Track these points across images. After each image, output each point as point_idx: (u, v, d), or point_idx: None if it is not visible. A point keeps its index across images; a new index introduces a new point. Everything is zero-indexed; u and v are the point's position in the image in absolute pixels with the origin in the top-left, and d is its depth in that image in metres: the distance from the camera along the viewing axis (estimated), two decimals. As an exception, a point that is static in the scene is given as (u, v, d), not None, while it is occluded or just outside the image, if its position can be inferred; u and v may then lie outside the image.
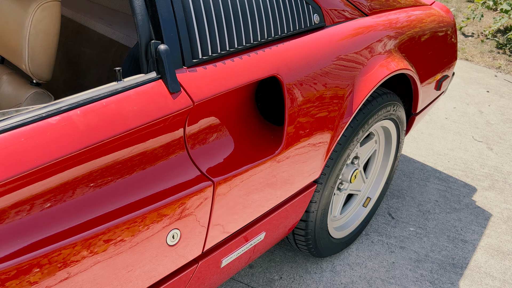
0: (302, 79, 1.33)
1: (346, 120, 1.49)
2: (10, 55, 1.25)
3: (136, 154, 1.01)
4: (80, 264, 0.91)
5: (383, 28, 1.68)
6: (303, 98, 1.33)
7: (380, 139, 1.94)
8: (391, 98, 1.74)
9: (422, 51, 1.91)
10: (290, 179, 1.37)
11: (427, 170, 2.56)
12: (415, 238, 2.09)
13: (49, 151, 0.86)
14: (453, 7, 5.02)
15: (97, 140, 0.92)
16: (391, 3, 1.87)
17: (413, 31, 1.84)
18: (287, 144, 1.30)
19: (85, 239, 0.90)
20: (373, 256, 1.97)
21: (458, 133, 2.93)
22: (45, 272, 0.86)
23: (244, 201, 1.23)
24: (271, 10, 1.31)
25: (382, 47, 1.64)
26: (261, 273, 1.84)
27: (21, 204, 0.85)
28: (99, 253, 0.94)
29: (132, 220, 0.97)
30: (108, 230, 0.94)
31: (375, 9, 1.76)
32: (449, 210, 2.28)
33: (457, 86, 3.55)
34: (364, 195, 2.03)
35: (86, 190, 0.93)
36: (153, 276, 1.07)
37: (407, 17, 1.88)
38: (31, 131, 0.86)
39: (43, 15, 1.19)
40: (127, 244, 0.98)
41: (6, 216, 0.83)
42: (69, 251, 0.88)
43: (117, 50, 1.45)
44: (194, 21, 1.12)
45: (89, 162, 0.92)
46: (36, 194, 0.86)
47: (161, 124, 1.04)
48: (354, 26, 1.58)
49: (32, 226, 0.86)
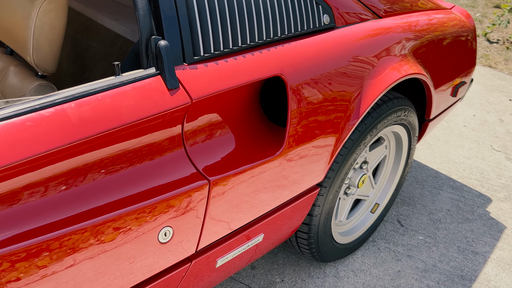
0: (307, 80, 1.31)
1: (353, 123, 1.46)
2: (17, 47, 1.26)
3: (131, 149, 1.01)
4: (66, 258, 0.91)
5: (398, 30, 1.64)
6: (307, 99, 1.31)
7: (391, 145, 1.90)
8: (402, 103, 1.70)
9: (439, 56, 1.86)
10: (291, 182, 1.34)
11: (440, 178, 2.50)
12: (423, 247, 2.04)
13: (40, 143, 0.85)
14: (479, 12, 4.90)
15: (89, 134, 0.91)
16: (408, 6, 1.82)
17: (433, 35, 1.79)
18: (289, 146, 1.28)
19: (73, 233, 0.90)
20: (378, 263, 1.93)
21: (476, 142, 2.85)
22: (29, 266, 0.86)
23: (241, 202, 1.21)
24: (278, 9, 1.29)
25: (394, 50, 1.60)
26: (263, 274, 1.82)
27: (7, 196, 0.85)
28: (87, 247, 0.93)
29: (123, 215, 0.97)
30: (98, 224, 0.94)
31: (390, 12, 1.72)
32: (461, 220, 2.22)
33: (478, 94, 3.46)
34: (372, 201, 1.99)
35: (77, 184, 0.93)
36: (144, 273, 1.07)
37: (427, 20, 1.84)
38: (22, 122, 0.86)
39: (50, 8, 1.20)
40: (117, 240, 0.98)
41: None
42: (56, 244, 0.88)
43: (123, 45, 1.45)
44: (197, 18, 1.11)
45: (81, 156, 0.92)
46: (23, 185, 0.86)
47: (158, 120, 1.03)
48: (366, 28, 1.55)
49: (19, 218, 0.86)
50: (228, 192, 1.16)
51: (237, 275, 1.80)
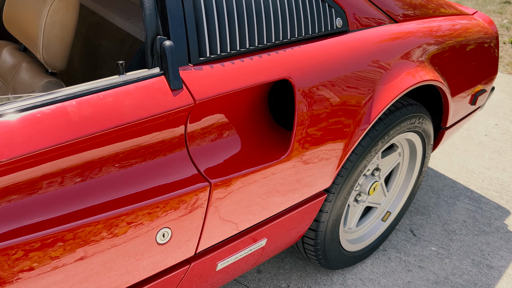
0: (316, 84, 1.28)
1: (363, 129, 1.43)
2: (28, 43, 1.28)
3: (132, 149, 1.00)
4: (59, 256, 0.91)
5: (418, 35, 1.60)
6: (315, 103, 1.28)
7: (404, 152, 1.86)
8: (416, 110, 1.66)
9: (459, 62, 1.81)
10: (296, 187, 1.32)
11: (458, 188, 2.43)
12: (436, 259, 1.98)
13: (39, 140, 0.86)
14: (507, 18, 4.76)
15: (89, 132, 0.91)
16: (428, 11, 1.78)
17: (455, 41, 1.75)
18: (295, 150, 1.26)
19: (69, 230, 0.90)
20: (388, 273, 1.89)
21: (497, 152, 2.77)
22: (23, 263, 0.86)
23: (243, 205, 1.20)
24: (289, 11, 1.27)
25: (409, 55, 1.56)
26: (269, 279, 1.80)
27: (2, 192, 0.85)
28: (84, 245, 0.93)
29: (121, 214, 0.96)
30: (95, 222, 0.93)
31: (409, 16, 1.68)
32: (477, 232, 2.15)
33: (502, 102, 3.37)
34: (384, 209, 1.94)
35: (76, 181, 0.93)
36: (141, 273, 1.06)
37: (450, 26, 1.79)
38: (23, 119, 0.86)
39: (60, 6, 1.21)
40: (114, 239, 0.97)
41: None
42: (50, 242, 0.88)
43: (132, 44, 1.46)
44: (204, 19, 1.10)
45: (80, 154, 0.92)
46: (21, 181, 0.86)
47: (160, 120, 1.02)
48: (381, 32, 1.52)
49: (17, 213, 0.86)
50: (230, 196, 1.14)
51: (243, 278, 1.79)
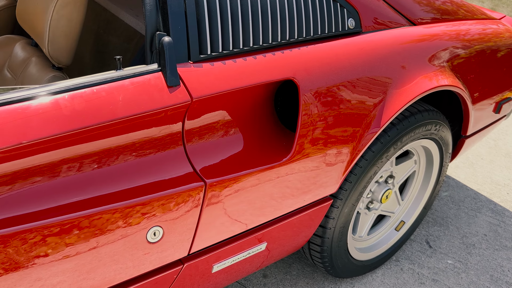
0: (322, 85, 1.24)
1: (372, 133, 1.37)
2: (36, 37, 1.29)
3: (125, 145, 0.99)
4: (49, 250, 0.90)
5: (439, 39, 1.54)
6: (321, 105, 1.24)
7: (421, 160, 1.79)
8: (433, 116, 1.59)
9: (484, 68, 1.73)
10: (298, 191, 1.28)
11: (480, 199, 2.33)
12: (451, 273, 1.90)
13: (29, 132, 0.86)
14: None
15: (81, 126, 0.91)
16: (452, 15, 1.71)
17: (480, 46, 1.67)
18: (297, 153, 1.22)
19: (55, 225, 0.89)
20: (399, 284, 1.82)
21: (525, 164, 2.64)
22: (8, 255, 0.86)
23: (240, 208, 1.17)
24: (297, 10, 1.24)
25: (426, 59, 1.50)
26: (274, 284, 1.76)
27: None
28: (72, 240, 0.93)
29: (110, 211, 0.95)
30: (83, 217, 0.93)
31: (427, 19, 1.62)
32: (498, 247, 2.05)
33: (534, 112, 3.21)
34: (397, 218, 1.88)
35: (65, 175, 0.93)
36: (131, 271, 1.05)
37: (481, 30, 1.72)
38: (14, 110, 0.86)
39: (68, 1, 1.22)
40: (103, 236, 0.96)
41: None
42: (35, 235, 0.88)
43: (138, 41, 1.46)
44: (206, 16, 1.09)
45: (70, 147, 0.92)
46: (8, 173, 0.86)
47: (156, 117, 1.01)
48: (394, 35, 1.46)
49: (3, 206, 0.86)
50: (226, 197, 1.12)
51: (248, 282, 1.76)
